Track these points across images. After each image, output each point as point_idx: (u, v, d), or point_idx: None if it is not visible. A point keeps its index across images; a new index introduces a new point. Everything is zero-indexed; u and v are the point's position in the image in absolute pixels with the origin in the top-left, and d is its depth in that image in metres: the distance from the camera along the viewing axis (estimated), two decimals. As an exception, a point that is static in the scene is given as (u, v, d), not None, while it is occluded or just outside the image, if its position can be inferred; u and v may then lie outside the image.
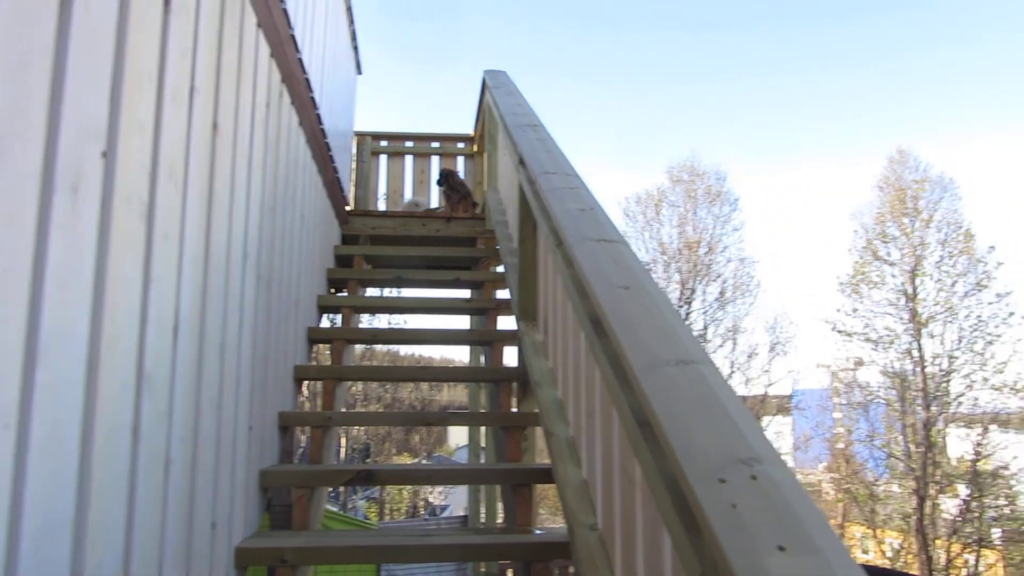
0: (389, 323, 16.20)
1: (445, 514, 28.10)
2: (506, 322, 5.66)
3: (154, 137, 1.88)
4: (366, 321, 16.04)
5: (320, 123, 4.75)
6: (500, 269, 5.49)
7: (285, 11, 3.46)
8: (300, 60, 3.94)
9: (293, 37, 3.71)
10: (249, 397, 3.04)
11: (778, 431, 30.51)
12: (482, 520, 7.06)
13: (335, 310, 5.04)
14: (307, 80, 4.19)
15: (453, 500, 29.95)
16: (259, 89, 3.03)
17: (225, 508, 2.69)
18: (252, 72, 2.91)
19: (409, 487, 27.28)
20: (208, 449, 2.45)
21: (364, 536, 3.46)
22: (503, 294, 5.11)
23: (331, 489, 22.31)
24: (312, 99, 4.40)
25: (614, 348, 2.07)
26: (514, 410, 4.18)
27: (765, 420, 29.29)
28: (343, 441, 18.27)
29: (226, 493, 2.69)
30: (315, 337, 4.48)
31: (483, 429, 6.79)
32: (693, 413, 1.64)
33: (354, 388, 18.80)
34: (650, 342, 1.94)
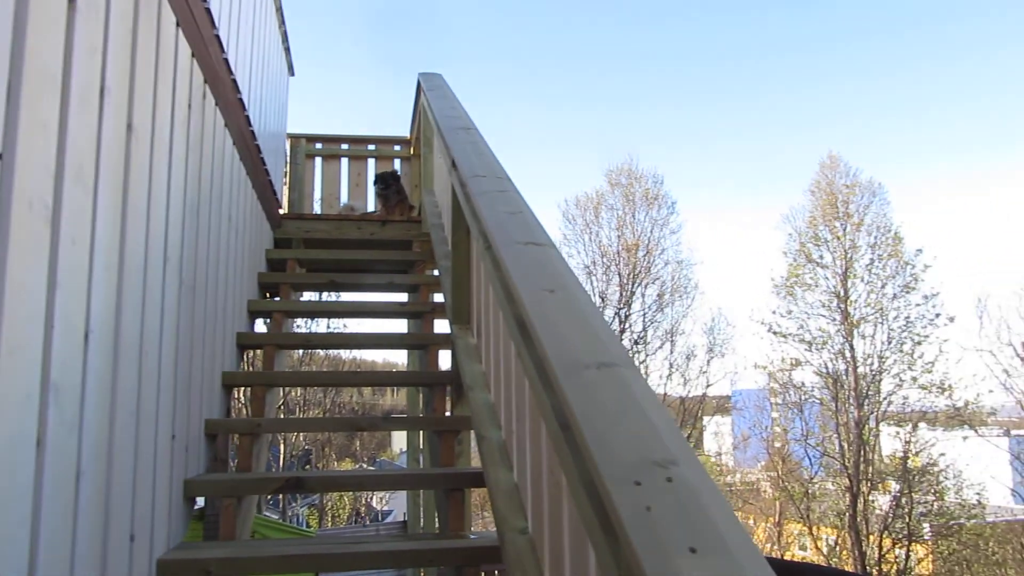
0: (329, 327, 16.02)
1: (389, 519, 27.87)
2: (443, 326, 5.63)
3: (59, 138, 1.81)
4: (307, 326, 15.86)
5: (249, 124, 4.66)
6: (437, 272, 5.46)
7: (208, 11, 3.39)
8: (226, 60, 3.86)
9: (218, 37, 3.63)
10: (172, 405, 2.96)
11: (716, 431, 31.02)
12: (422, 525, 7.01)
13: (266, 315, 4.95)
14: (234, 81, 4.11)
15: (396, 505, 29.73)
16: (180, 89, 2.95)
17: (145, 520, 2.61)
18: (171, 72, 2.83)
19: (351, 493, 27.00)
20: (125, 459, 2.38)
21: (293, 545, 3.40)
22: (440, 298, 5.08)
23: (269, 497, 21.95)
24: (240, 100, 4.31)
25: (538, 351, 2.07)
26: (448, 414, 4.16)
27: (705, 420, 29.77)
28: (282, 448, 17.96)
29: (146, 504, 2.62)
30: (245, 343, 4.39)
31: (422, 433, 6.75)
32: (611, 416, 1.64)
33: (294, 393, 18.51)
34: (572, 345, 1.94)
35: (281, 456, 18.31)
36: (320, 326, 16.10)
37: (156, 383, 2.72)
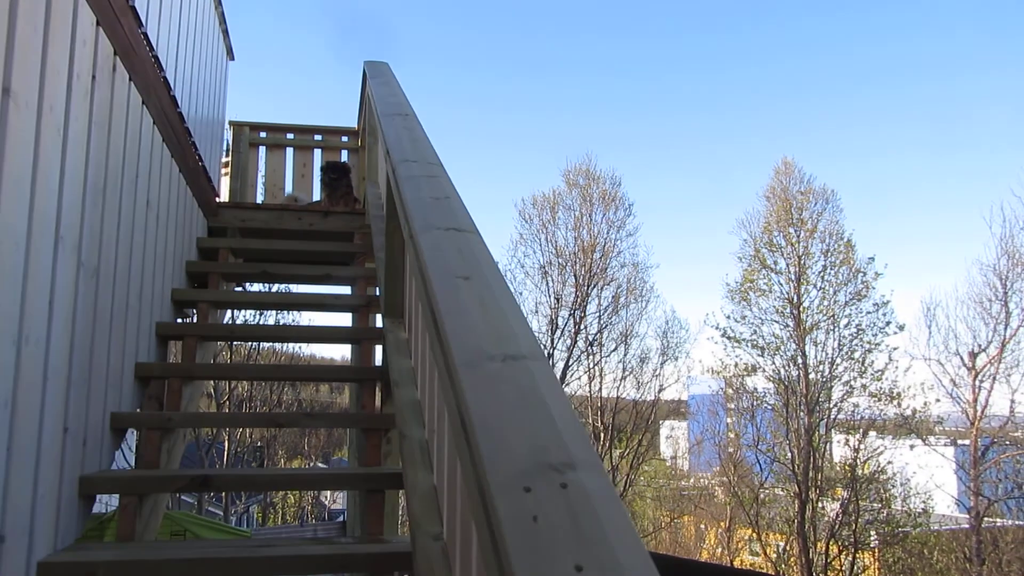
0: (280, 321, 15.53)
1: (340, 518, 27.47)
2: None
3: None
4: (256, 319, 15.45)
5: (176, 106, 4.43)
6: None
7: (121, -23, 3.18)
8: (144, 35, 3.64)
9: (133, 9, 3.42)
10: (64, 396, 2.74)
11: (670, 435, 31.14)
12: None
13: (191, 305, 4.72)
14: (156, 59, 3.89)
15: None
16: (80, 59, 2.74)
17: (22, 519, 2.40)
18: (67, 39, 2.62)
19: (299, 491, 26.55)
20: (-6, 454, 2.17)
21: (192, 548, 3.19)
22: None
23: (212, 495, 21.39)
24: (164, 80, 4.09)
25: (443, 341, 1.91)
26: (378, 412, 3.98)
27: (661, 424, 29.85)
28: (226, 445, 17.52)
29: (23, 503, 2.41)
30: (164, 332, 4.16)
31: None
32: (509, 413, 1.49)
33: (240, 389, 18.05)
34: (478, 336, 1.78)
35: (225, 453, 17.89)
36: (271, 319, 15.70)
37: (41, 371, 2.51)
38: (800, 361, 22.29)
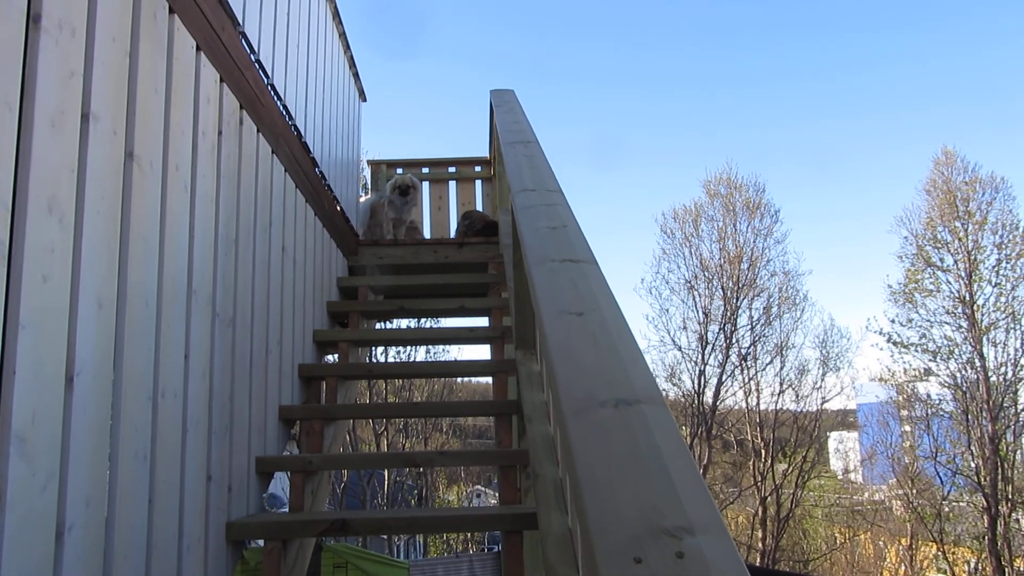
0: (429, 355, 15.86)
1: (496, 548, 27.62)
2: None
3: (16, 168, 1.67)
4: (407, 354, 15.87)
5: (308, 152, 4.57)
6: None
7: (243, 35, 3.29)
8: (272, 86, 3.76)
9: (259, 63, 3.53)
10: (206, 444, 2.82)
11: (838, 448, 29.50)
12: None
13: (332, 344, 4.83)
14: (285, 107, 4.02)
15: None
16: (204, 116, 2.84)
17: (169, 568, 2.46)
18: (190, 98, 2.71)
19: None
20: (134, 507, 2.23)
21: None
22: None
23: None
24: (295, 127, 4.22)
25: (555, 383, 1.80)
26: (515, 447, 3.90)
27: (829, 436, 28.35)
28: (386, 474, 17.98)
29: (169, 552, 2.47)
30: (307, 374, 4.26)
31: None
32: (620, 467, 1.37)
33: (397, 421, 18.43)
34: (589, 377, 1.67)
35: (386, 482, 18.37)
36: (420, 353, 16.05)
37: (180, 423, 2.59)
38: (978, 364, 20.57)
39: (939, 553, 21.45)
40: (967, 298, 20.86)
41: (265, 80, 3.63)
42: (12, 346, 1.65)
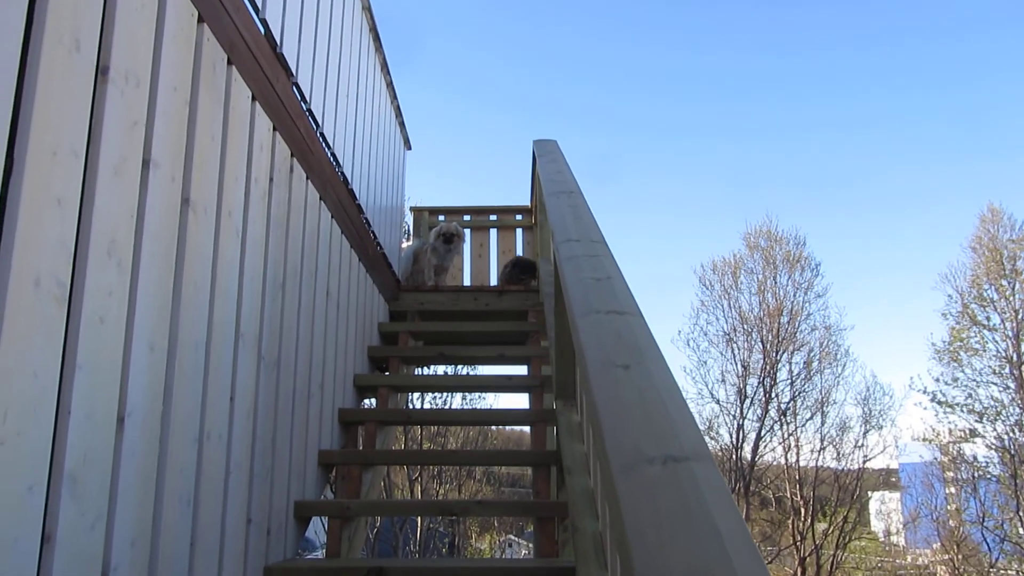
0: (465, 402, 15.76)
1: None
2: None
3: (81, 213, 1.73)
4: (429, 399, 15.85)
5: (355, 199, 4.65)
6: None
7: (296, 85, 3.37)
8: (322, 135, 3.84)
9: (310, 112, 3.62)
10: (247, 488, 2.83)
11: (879, 509, 28.68)
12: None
13: (372, 390, 4.85)
14: (333, 155, 4.10)
15: None
16: (257, 164, 2.91)
17: (205, 613, 2.46)
18: (244, 146, 2.79)
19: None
20: (177, 548, 2.24)
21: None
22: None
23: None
24: (341, 174, 4.30)
25: (600, 437, 1.79)
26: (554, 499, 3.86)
27: (870, 497, 27.55)
28: (419, 521, 17.85)
29: (207, 597, 2.47)
30: (347, 419, 4.28)
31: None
32: (669, 527, 1.34)
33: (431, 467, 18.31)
34: (637, 433, 1.65)
35: (419, 529, 18.26)
36: (456, 400, 15.99)
37: (224, 466, 2.61)
38: (1027, 426, 19.97)
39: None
40: (1014, 358, 20.35)
41: (315, 129, 3.72)
42: (68, 386, 1.69)
